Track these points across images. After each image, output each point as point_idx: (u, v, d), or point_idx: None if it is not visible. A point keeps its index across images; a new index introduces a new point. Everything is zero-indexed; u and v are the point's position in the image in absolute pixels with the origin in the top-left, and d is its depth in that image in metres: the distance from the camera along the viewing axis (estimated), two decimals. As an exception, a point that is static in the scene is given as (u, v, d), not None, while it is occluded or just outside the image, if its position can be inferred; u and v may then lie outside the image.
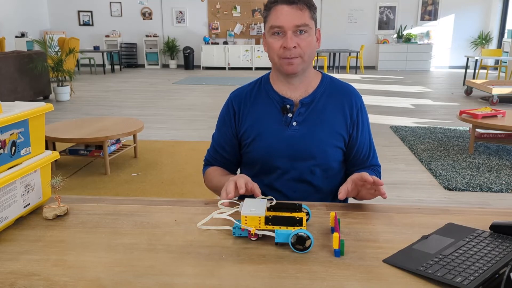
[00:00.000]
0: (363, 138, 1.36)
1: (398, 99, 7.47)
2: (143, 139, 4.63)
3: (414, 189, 3.37)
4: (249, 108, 1.35)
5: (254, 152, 1.34)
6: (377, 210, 1.15)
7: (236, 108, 1.37)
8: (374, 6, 12.42)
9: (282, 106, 1.31)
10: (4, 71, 6.27)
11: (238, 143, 1.39)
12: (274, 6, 1.23)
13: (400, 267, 0.85)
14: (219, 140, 1.42)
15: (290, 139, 1.30)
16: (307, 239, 0.91)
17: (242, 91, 1.39)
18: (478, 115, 4.11)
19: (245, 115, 1.35)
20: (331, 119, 1.31)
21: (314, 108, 1.31)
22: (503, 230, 0.96)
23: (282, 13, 1.21)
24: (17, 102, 1.10)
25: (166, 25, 12.80)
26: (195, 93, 8.12)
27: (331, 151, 1.32)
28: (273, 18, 1.23)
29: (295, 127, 1.30)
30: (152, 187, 3.39)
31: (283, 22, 1.21)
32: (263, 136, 1.32)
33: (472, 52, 12.22)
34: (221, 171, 1.41)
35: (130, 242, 0.96)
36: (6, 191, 1.00)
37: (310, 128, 1.30)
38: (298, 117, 1.30)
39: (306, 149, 1.30)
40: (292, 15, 1.20)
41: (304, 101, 1.30)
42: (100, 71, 11.59)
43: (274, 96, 1.33)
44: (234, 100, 1.38)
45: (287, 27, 1.20)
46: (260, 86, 1.37)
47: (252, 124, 1.33)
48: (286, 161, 1.31)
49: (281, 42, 1.22)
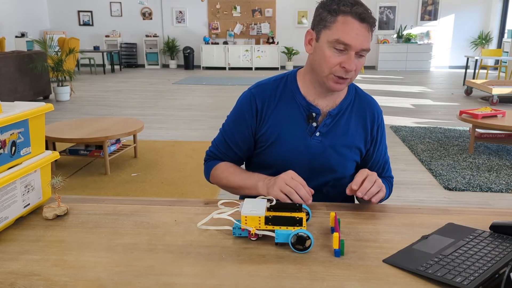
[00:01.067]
0: (378, 154, 1.34)
1: (398, 99, 7.47)
2: (143, 139, 4.63)
3: (414, 189, 3.37)
4: (273, 108, 1.26)
5: (271, 156, 1.27)
6: (377, 210, 1.15)
7: (259, 106, 1.26)
8: (374, 6, 12.42)
9: (308, 114, 1.24)
10: (4, 71, 6.27)
11: (254, 142, 1.31)
12: (344, 16, 1.11)
13: (400, 267, 0.85)
14: (234, 137, 1.31)
15: (311, 150, 1.25)
16: (307, 239, 0.91)
17: (266, 87, 1.29)
18: (478, 115, 4.11)
19: (268, 116, 1.26)
20: (353, 133, 1.27)
21: (339, 120, 1.26)
22: (503, 230, 0.96)
23: (352, 29, 1.10)
24: (17, 102, 1.10)
25: (166, 25, 12.80)
26: (195, 93, 8.12)
27: (349, 165, 1.29)
28: (340, 31, 1.11)
29: (318, 137, 1.25)
30: (152, 187, 3.39)
31: (352, 42, 1.10)
32: (283, 142, 1.25)
33: (472, 52, 12.22)
34: (239, 169, 1.32)
35: (130, 242, 0.96)
36: (6, 191, 1.00)
37: (333, 141, 1.25)
38: (323, 128, 1.24)
39: (327, 162, 1.26)
40: (362, 36, 1.11)
41: (332, 113, 1.24)
42: (100, 71, 11.59)
43: (300, 101, 1.25)
44: (257, 96, 1.27)
45: (354, 47, 1.11)
46: (286, 85, 1.28)
47: (274, 127, 1.26)
48: (303, 172, 1.21)
49: (341, 60, 1.12)
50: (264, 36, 12.66)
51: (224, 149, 1.34)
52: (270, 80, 1.31)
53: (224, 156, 1.35)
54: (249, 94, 1.29)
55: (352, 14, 1.10)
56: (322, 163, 1.26)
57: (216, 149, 1.36)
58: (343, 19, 1.11)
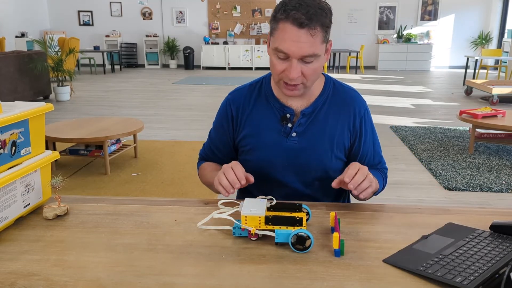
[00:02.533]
0: (366, 147, 1.30)
1: (398, 99, 7.47)
2: (143, 139, 4.63)
3: (414, 189, 3.37)
4: (247, 114, 1.28)
5: (252, 162, 1.27)
6: (377, 210, 1.15)
7: (234, 112, 1.29)
8: (374, 6, 12.42)
9: (282, 116, 1.24)
10: (4, 71, 6.27)
11: (234, 146, 1.34)
12: (283, 23, 1.08)
13: (400, 267, 0.85)
14: (215, 141, 1.37)
15: (288, 151, 1.24)
16: (307, 239, 0.91)
17: (241, 93, 1.31)
18: (478, 115, 4.11)
19: (243, 121, 1.28)
20: (333, 129, 1.25)
21: (315, 118, 1.24)
22: (503, 230, 0.96)
23: (290, 36, 1.06)
24: (17, 102, 1.10)
25: (166, 25, 12.80)
26: (195, 93, 8.12)
27: (331, 164, 1.26)
28: (279, 38, 1.09)
29: (295, 138, 1.24)
30: (152, 187, 3.39)
31: (288, 50, 1.07)
32: (261, 146, 1.26)
33: (472, 52, 12.22)
34: (215, 166, 1.35)
35: (130, 242, 0.96)
36: (6, 191, 1.00)
37: (310, 140, 1.24)
38: (298, 128, 1.24)
39: (306, 163, 1.24)
40: (301, 42, 1.06)
41: (305, 112, 1.23)
42: (100, 71, 11.59)
43: (274, 103, 1.25)
44: (232, 103, 1.30)
45: (292, 55, 1.08)
46: (261, 88, 1.29)
47: (250, 133, 1.27)
48: (284, 174, 1.26)
49: (284, 67, 1.11)
50: (264, 36, 12.65)
51: (209, 152, 1.41)
52: (247, 85, 1.32)
53: (208, 158, 1.42)
54: (226, 101, 1.33)
55: (289, 21, 1.06)
56: (303, 163, 1.25)
57: (204, 151, 1.44)
58: (282, 26, 1.08)
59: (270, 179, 1.27)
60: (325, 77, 1.29)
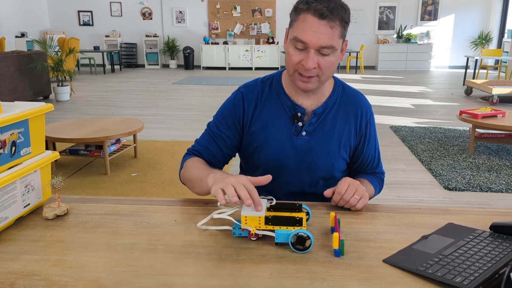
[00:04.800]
0: (368, 150, 1.34)
1: (398, 99, 7.47)
2: (143, 139, 4.62)
3: (414, 189, 3.37)
4: (259, 110, 1.27)
5: (259, 158, 1.27)
6: (377, 210, 1.15)
7: (246, 108, 1.27)
8: (374, 6, 12.43)
9: (293, 114, 1.25)
10: (4, 71, 6.26)
11: (237, 145, 1.31)
12: (304, 14, 1.10)
13: (400, 267, 0.85)
14: (220, 132, 1.30)
15: (298, 150, 1.25)
16: (307, 239, 0.91)
17: (254, 88, 1.29)
18: (478, 115, 4.11)
19: (255, 117, 1.27)
20: (341, 130, 1.27)
21: (325, 118, 1.26)
22: (503, 230, 0.96)
23: (310, 26, 1.09)
24: (17, 102, 1.10)
25: (166, 25, 12.80)
26: (195, 93, 8.12)
27: (338, 164, 1.29)
28: (299, 28, 1.11)
29: (305, 137, 1.25)
30: (152, 187, 3.39)
31: (308, 39, 1.09)
32: (270, 143, 1.26)
33: (472, 52, 12.22)
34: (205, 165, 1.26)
35: (130, 242, 0.96)
36: (6, 191, 1.00)
37: (320, 140, 1.25)
38: (308, 127, 1.25)
39: (314, 162, 1.26)
40: (320, 33, 1.08)
41: (317, 111, 1.25)
42: (100, 71, 11.59)
43: (285, 101, 1.26)
44: (246, 97, 1.28)
45: (311, 45, 1.10)
46: (272, 85, 1.29)
47: (260, 130, 1.26)
48: (291, 171, 1.27)
49: (301, 58, 1.12)
50: (264, 36, 12.66)
51: (207, 143, 1.30)
52: (258, 81, 1.32)
53: (205, 150, 1.30)
54: (237, 94, 1.30)
55: (311, 11, 1.09)
56: (310, 162, 1.26)
57: (199, 144, 1.33)
58: (303, 17, 1.11)
59: (274, 176, 1.25)
60: (334, 79, 1.31)
